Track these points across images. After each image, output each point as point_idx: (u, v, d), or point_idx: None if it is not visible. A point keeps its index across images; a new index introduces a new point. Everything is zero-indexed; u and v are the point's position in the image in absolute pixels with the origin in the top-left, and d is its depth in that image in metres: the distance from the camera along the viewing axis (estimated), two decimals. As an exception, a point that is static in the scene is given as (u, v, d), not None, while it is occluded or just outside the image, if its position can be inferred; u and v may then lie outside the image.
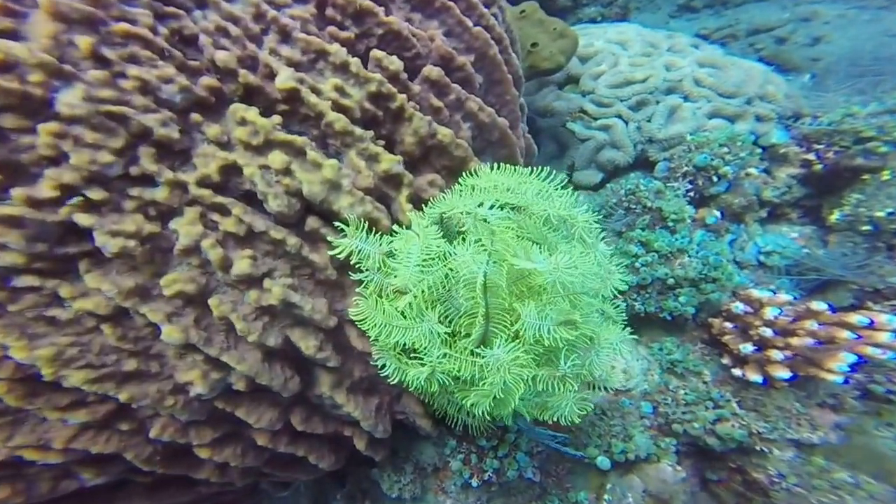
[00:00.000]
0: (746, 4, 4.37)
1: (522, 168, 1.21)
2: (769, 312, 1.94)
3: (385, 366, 1.23)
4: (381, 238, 1.20)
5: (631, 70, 2.73)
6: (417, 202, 1.38)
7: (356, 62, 1.29)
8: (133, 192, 1.05)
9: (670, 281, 2.12)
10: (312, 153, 1.18)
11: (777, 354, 1.86)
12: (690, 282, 2.12)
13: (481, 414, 1.20)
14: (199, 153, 1.14)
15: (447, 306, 1.17)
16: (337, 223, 1.19)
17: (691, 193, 2.41)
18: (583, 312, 1.13)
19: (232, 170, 1.16)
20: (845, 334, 1.80)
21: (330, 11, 1.37)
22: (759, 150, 2.48)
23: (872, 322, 1.82)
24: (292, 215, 1.21)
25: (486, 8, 1.63)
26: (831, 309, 1.93)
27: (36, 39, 0.94)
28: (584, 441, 1.93)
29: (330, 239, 1.20)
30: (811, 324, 1.85)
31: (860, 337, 1.81)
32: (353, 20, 1.39)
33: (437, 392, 1.30)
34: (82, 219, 0.97)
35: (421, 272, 1.06)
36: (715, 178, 2.37)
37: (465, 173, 1.30)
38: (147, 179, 1.07)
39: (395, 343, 1.15)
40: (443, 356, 1.12)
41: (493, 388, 1.06)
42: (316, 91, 1.25)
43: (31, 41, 0.94)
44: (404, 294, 1.13)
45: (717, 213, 2.39)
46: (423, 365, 1.13)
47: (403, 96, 1.35)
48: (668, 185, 2.43)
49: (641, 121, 2.60)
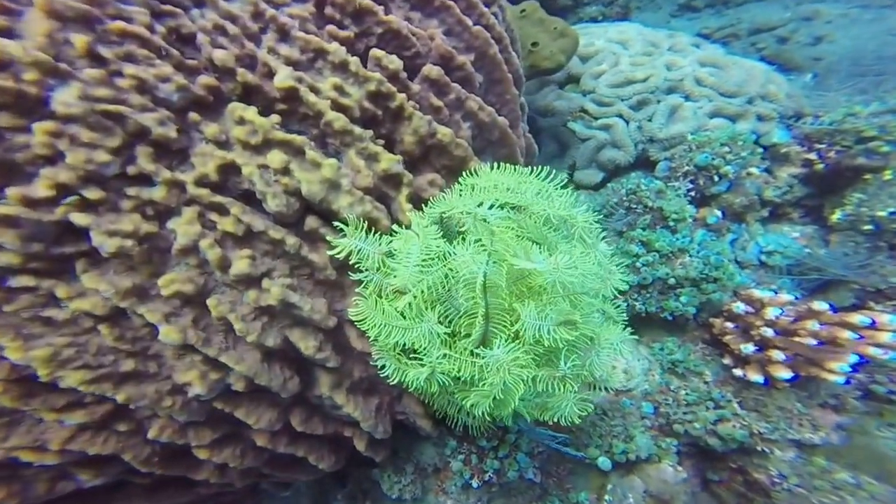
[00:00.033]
0: (748, 4, 4.36)
1: (523, 168, 1.20)
2: (770, 312, 1.93)
3: (385, 366, 1.22)
4: (380, 238, 1.20)
5: (632, 69, 2.72)
6: (417, 202, 1.38)
7: (355, 61, 1.29)
8: (130, 191, 1.04)
9: (671, 281, 2.11)
10: (311, 152, 1.18)
11: (778, 355, 1.86)
12: (691, 282, 2.11)
13: (481, 414, 1.20)
14: (197, 152, 1.13)
15: (447, 306, 1.16)
16: (336, 223, 1.18)
17: (692, 193, 2.40)
18: (583, 312, 1.12)
19: (230, 169, 1.15)
20: (847, 334, 1.79)
21: (329, 10, 1.36)
22: (761, 150, 2.47)
23: (874, 322, 1.81)
24: (291, 215, 1.20)
25: (486, 7, 1.62)
26: (833, 309, 1.92)
27: (31, 38, 0.94)
28: (585, 441, 1.92)
29: (329, 239, 1.20)
30: (813, 324, 1.84)
31: (862, 337, 1.80)
32: (353, 19, 1.38)
33: (437, 392, 1.30)
34: (79, 218, 0.96)
35: (420, 272, 1.06)
36: (716, 178, 2.36)
37: (465, 173, 1.30)
38: (144, 179, 1.06)
39: (394, 343, 1.14)
40: (442, 357, 1.11)
41: (493, 389, 1.05)
42: (315, 90, 1.24)
43: (25, 39, 0.94)
44: (404, 294, 1.12)
45: (719, 213, 2.38)
46: (422, 365, 1.13)
47: (403, 95, 1.34)
48: (669, 184, 2.42)
49: (642, 120, 2.59)
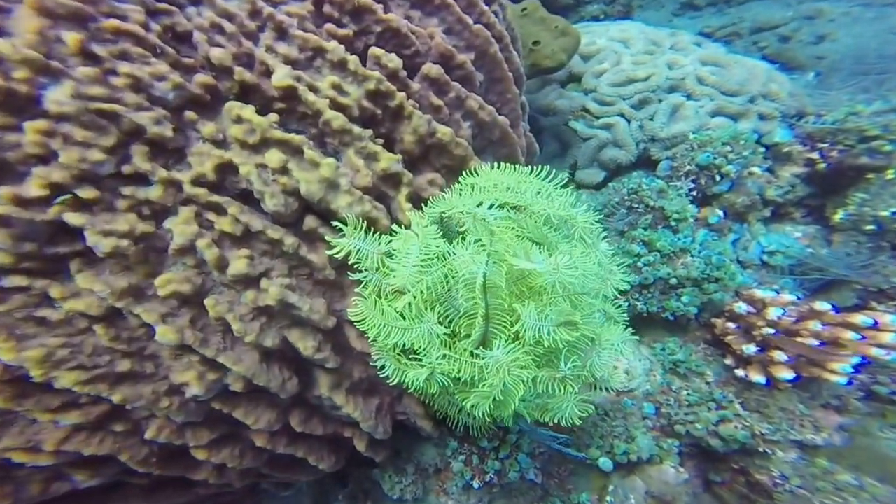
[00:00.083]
0: (750, 2, 4.34)
1: (523, 167, 1.19)
2: (772, 313, 1.92)
3: (384, 367, 1.21)
4: (379, 238, 1.19)
5: (633, 68, 2.71)
6: (417, 201, 1.37)
7: (354, 60, 1.27)
8: (126, 190, 1.03)
9: (673, 281, 2.10)
10: (310, 152, 1.16)
11: (780, 355, 1.85)
12: (693, 281, 2.10)
13: (482, 415, 1.19)
14: (194, 151, 1.12)
15: (447, 307, 1.15)
16: (335, 222, 1.17)
17: (694, 192, 2.39)
18: (583, 313, 1.11)
19: (228, 168, 1.14)
20: (849, 335, 1.78)
21: (327, 8, 1.35)
22: (763, 149, 2.46)
23: (876, 323, 1.80)
24: (290, 214, 1.19)
25: (487, 5, 1.61)
26: (835, 309, 1.91)
27: (20, 35, 0.92)
28: (587, 442, 1.91)
29: (328, 238, 1.19)
30: (815, 324, 1.83)
31: (864, 338, 1.79)
32: (352, 17, 1.37)
33: (437, 393, 1.29)
34: (73, 218, 0.95)
35: (420, 272, 1.05)
36: (718, 177, 2.35)
37: (465, 172, 1.28)
38: (140, 178, 1.05)
39: (394, 344, 1.13)
40: (442, 357, 1.10)
41: (493, 390, 1.04)
42: (313, 89, 1.23)
43: (15, 37, 0.92)
44: (403, 294, 1.11)
45: (720, 213, 2.37)
46: (422, 366, 1.12)
47: (403, 94, 1.33)
48: (670, 183, 2.40)
49: (644, 119, 2.58)
